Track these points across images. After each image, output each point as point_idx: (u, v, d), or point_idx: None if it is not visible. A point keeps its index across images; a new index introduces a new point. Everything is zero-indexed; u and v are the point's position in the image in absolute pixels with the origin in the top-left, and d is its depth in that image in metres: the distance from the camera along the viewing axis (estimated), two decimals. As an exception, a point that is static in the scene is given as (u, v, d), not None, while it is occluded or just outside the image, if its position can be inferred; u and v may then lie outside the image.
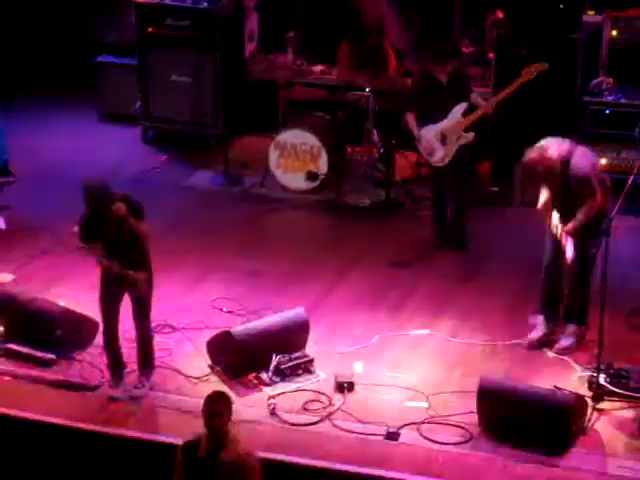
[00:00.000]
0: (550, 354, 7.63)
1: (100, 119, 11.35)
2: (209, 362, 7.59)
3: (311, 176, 9.88)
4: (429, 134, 8.81)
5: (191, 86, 10.57)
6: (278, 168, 10.01)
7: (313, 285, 8.53)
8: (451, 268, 8.76)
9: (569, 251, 7.49)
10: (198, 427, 6.08)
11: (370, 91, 9.85)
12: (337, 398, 7.24)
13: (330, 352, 7.70)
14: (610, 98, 9.61)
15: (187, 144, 10.87)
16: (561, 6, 9.55)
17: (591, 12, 9.96)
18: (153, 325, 7.73)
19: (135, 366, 7.40)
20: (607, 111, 9.52)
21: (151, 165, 10.54)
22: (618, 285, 8.09)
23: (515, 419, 6.84)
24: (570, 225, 7.48)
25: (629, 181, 7.35)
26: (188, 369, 7.55)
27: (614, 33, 10.15)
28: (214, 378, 7.47)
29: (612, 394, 7.13)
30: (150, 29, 10.69)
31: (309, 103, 10.25)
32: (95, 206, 6.93)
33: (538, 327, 7.77)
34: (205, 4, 10.58)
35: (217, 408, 5.95)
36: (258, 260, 8.89)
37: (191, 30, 10.58)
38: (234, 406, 6.09)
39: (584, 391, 7.14)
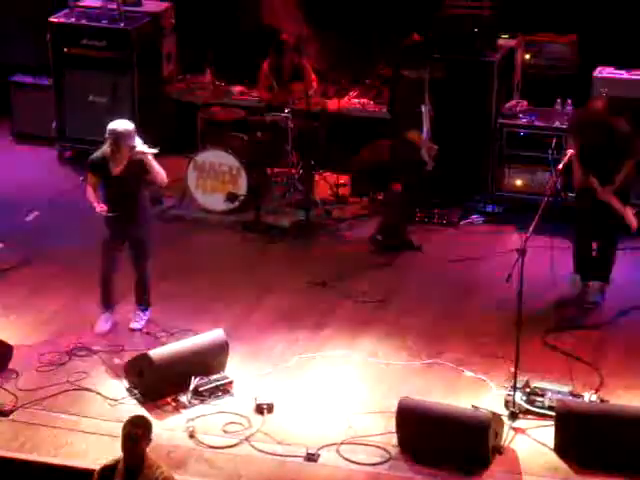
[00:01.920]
0: (468, 373, 7.70)
1: (15, 140, 11.18)
2: (127, 385, 7.52)
3: (230, 197, 9.86)
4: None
5: (108, 106, 10.49)
6: (197, 189, 9.97)
7: (233, 306, 8.51)
8: (371, 288, 8.81)
9: (629, 216, 8.24)
10: (116, 450, 6.01)
11: (289, 112, 9.89)
12: (257, 420, 7.22)
13: (250, 374, 7.68)
14: (524, 120, 9.78)
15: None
16: (475, 30, 9.70)
17: (505, 36, 10.13)
18: (70, 347, 7.82)
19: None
20: (521, 133, 9.68)
21: (67, 187, 10.42)
22: (534, 304, 8.25)
23: (433, 439, 6.89)
24: (616, 183, 8.18)
25: (544, 201, 7.49)
26: (106, 392, 7.46)
27: (527, 57, 10.34)
28: (132, 401, 7.39)
29: (528, 412, 7.23)
30: (66, 49, 10.59)
31: (228, 124, 10.24)
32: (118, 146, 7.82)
33: (575, 284, 8.53)
34: (122, 25, 10.51)
35: (135, 432, 5.89)
36: (177, 281, 8.83)
37: (108, 50, 10.51)
38: (153, 429, 6.04)
39: (501, 410, 7.23)
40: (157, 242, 9.42)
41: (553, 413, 7.05)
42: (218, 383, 7.47)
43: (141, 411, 7.19)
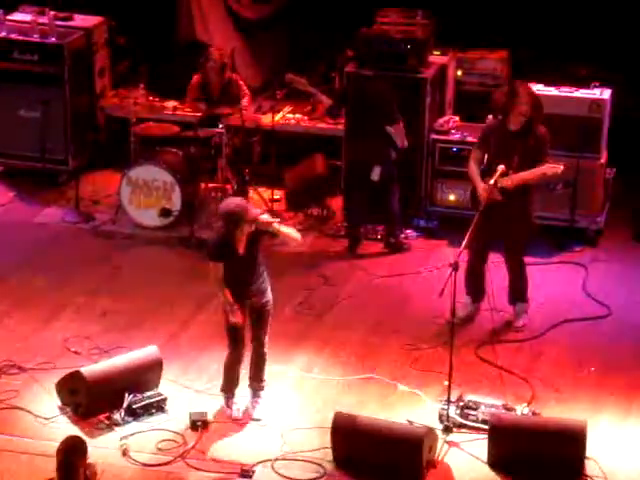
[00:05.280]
0: (402, 387, 7.74)
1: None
2: (59, 403, 7.43)
3: (164, 212, 9.81)
4: None
5: (40, 121, 10.38)
6: (131, 204, 9.91)
7: (167, 322, 8.46)
8: (305, 302, 8.81)
9: (551, 168, 7.93)
10: (49, 471, 5.94)
11: (223, 127, 9.88)
12: (191, 437, 7.18)
13: (184, 390, 7.64)
14: (457, 136, 9.88)
15: (36, 180, 10.65)
16: (408, 46, 9.78)
17: (437, 52, 10.24)
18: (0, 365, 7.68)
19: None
20: (454, 149, 9.77)
21: (-1, 202, 10.33)
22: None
23: (368, 454, 6.92)
24: (514, 177, 7.95)
25: (476, 217, 7.58)
26: (37, 410, 7.37)
27: (459, 73, 10.46)
28: (64, 419, 7.31)
29: (462, 426, 7.29)
30: (-5, 63, 10.49)
31: (162, 139, 10.19)
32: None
33: (466, 307, 8.42)
34: (53, 39, 10.43)
35: (71, 459, 5.82)
36: (111, 298, 8.76)
37: (39, 65, 10.41)
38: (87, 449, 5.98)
39: (435, 424, 7.27)
40: (91, 258, 9.41)
41: (486, 426, 7.13)
42: (152, 400, 7.42)
43: (74, 429, 7.12)
